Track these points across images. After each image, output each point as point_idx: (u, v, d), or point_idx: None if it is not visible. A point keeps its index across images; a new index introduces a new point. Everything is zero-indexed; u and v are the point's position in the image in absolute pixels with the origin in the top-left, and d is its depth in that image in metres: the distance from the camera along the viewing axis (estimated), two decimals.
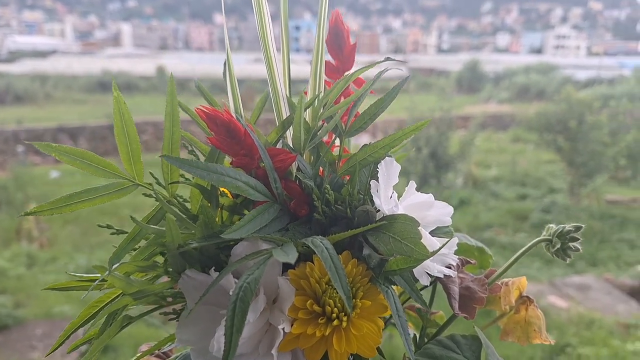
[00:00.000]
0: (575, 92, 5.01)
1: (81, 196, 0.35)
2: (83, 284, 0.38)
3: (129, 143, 0.36)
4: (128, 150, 0.37)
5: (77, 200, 0.35)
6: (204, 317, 0.41)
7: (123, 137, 0.36)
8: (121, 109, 0.36)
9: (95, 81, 14.74)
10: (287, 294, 0.37)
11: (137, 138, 0.37)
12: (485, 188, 5.84)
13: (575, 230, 0.41)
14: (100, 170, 0.36)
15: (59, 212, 0.34)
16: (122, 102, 0.35)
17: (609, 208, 4.98)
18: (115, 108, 0.35)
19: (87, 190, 0.35)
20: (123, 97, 0.37)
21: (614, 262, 4.09)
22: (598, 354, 2.57)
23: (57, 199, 0.34)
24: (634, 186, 5.29)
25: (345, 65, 0.50)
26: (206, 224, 0.37)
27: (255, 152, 0.41)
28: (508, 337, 0.49)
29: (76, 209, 0.35)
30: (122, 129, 0.36)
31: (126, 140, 0.36)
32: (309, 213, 0.42)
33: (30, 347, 2.97)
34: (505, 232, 4.73)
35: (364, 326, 0.36)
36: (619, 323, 2.91)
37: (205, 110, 0.38)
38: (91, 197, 0.35)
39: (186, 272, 0.40)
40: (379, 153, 0.45)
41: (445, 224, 0.44)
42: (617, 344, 2.63)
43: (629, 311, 3.09)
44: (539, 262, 4.12)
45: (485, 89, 9.41)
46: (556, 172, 5.95)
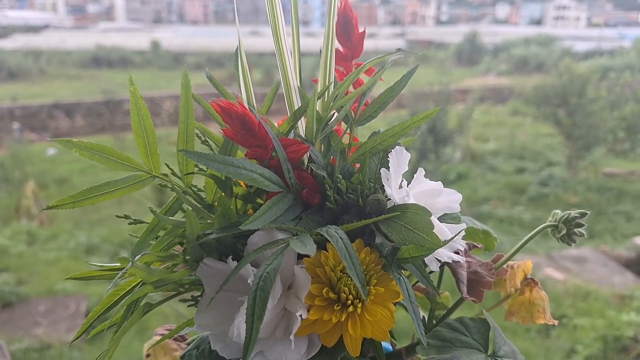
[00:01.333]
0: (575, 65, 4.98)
1: (101, 189, 0.36)
2: (103, 274, 0.39)
3: (146, 136, 0.37)
4: (145, 143, 0.37)
5: (98, 194, 0.36)
6: (221, 303, 0.42)
7: (140, 130, 0.37)
8: (138, 103, 0.36)
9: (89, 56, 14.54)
10: (303, 281, 0.38)
11: (154, 131, 0.38)
12: (484, 162, 5.85)
13: (580, 216, 0.42)
14: (119, 164, 0.37)
15: (80, 205, 0.35)
16: (138, 97, 0.36)
17: (606, 181, 5.01)
18: (132, 102, 0.36)
19: (107, 184, 0.36)
20: (117, 72, 0.37)
21: (610, 234, 4.13)
22: (593, 324, 2.63)
23: (78, 193, 0.35)
24: (631, 158, 5.31)
25: (354, 53, 0.51)
26: (224, 215, 0.38)
27: (269, 143, 0.41)
28: (512, 318, 0.51)
29: (97, 201, 0.36)
30: (139, 123, 0.37)
31: (143, 133, 0.37)
32: (321, 202, 0.43)
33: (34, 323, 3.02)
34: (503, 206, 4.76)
35: (377, 312, 0.37)
36: (614, 294, 2.96)
37: (220, 103, 0.38)
38: (111, 190, 0.36)
39: (204, 260, 0.41)
40: (389, 141, 0.46)
41: (454, 211, 0.45)
42: (612, 315, 2.69)
43: (625, 283, 3.14)
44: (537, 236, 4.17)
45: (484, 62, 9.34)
46: (554, 145, 5.96)
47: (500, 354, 0.39)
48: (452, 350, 0.39)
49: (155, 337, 0.53)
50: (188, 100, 0.39)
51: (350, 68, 0.51)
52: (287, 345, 0.38)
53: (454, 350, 0.39)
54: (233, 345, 0.41)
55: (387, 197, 0.43)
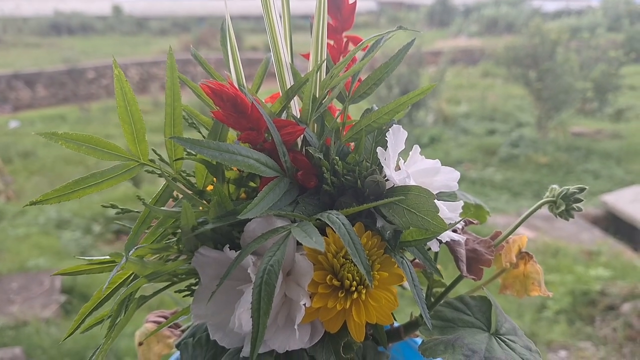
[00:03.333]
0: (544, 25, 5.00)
1: (88, 181, 0.34)
2: (92, 267, 0.37)
3: (133, 123, 0.35)
4: (132, 130, 0.35)
5: (84, 186, 0.34)
6: (218, 292, 0.41)
7: (127, 116, 0.34)
8: (123, 87, 0.33)
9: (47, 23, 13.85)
10: (305, 269, 0.37)
11: (141, 117, 0.35)
12: (456, 124, 5.89)
13: (579, 192, 0.42)
14: (106, 154, 0.34)
15: (66, 199, 0.33)
16: (124, 81, 0.33)
17: (574, 140, 5.12)
18: (117, 87, 0.33)
19: (93, 175, 0.34)
20: (78, 39, 0.34)
21: None
22: (563, 280, 2.72)
23: (63, 186, 0.33)
24: (599, 118, 5.42)
25: (344, 25, 0.48)
26: (219, 204, 0.37)
27: (262, 126, 0.39)
28: (507, 291, 0.51)
29: (84, 194, 0.34)
30: (125, 109, 0.34)
31: (130, 119, 0.35)
32: (317, 184, 0.42)
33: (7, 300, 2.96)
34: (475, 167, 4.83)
35: (381, 297, 0.37)
36: (582, 250, 3.07)
37: (211, 85, 0.36)
38: (98, 182, 0.34)
39: (199, 250, 0.39)
40: (384, 119, 0.45)
41: (451, 189, 0.44)
42: (580, 270, 2.79)
43: (592, 239, 3.26)
44: (507, 195, 4.25)
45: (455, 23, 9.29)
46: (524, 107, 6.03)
47: (502, 332, 0.39)
48: (455, 330, 0.39)
49: (147, 325, 0.51)
50: (174, 83, 0.36)
51: (340, 41, 0.48)
52: (291, 334, 0.37)
53: (457, 330, 0.39)
54: (233, 334, 0.40)
55: (385, 178, 0.42)
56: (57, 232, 3.76)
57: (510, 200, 4.18)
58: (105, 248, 3.18)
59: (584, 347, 2.33)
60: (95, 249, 3.22)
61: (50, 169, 5.02)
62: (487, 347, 0.36)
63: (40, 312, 2.75)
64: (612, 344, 2.29)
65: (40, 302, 2.91)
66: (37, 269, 3.32)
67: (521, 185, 4.49)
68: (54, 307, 2.65)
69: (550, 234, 3.47)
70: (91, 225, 3.90)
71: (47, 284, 3.16)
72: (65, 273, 0.37)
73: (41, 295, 3.01)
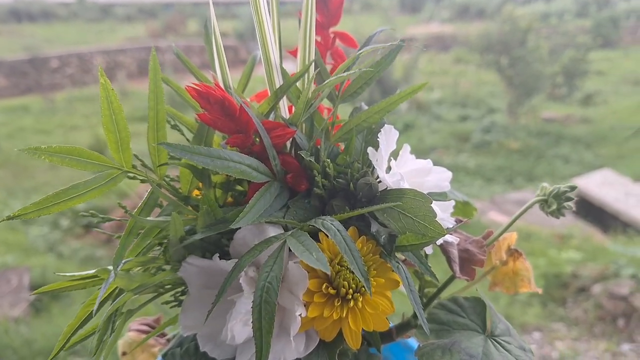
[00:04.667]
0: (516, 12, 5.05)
1: (69, 193, 0.32)
2: (75, 284, 0.35)
3: (117, 131, 0.33)
4: (117, 139, 0.33)
5: (66, 198, 0.31)
6: (207, 302, 0.39)
7: (112, 125, 0.32)
8: (109, 95, 0.31)
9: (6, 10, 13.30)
10: (299, 278, 0.36)
11: (126, 126, 0.33)
12: (429, 111, 5.93)
13: (570, 190, 0.42)
14: (89, 164, 0.32)
15: (46, 212, 0.31)
16: (109, 89, 0.31)
17: (545, 125, 5.21)
18: (102, 95, 0.31)
19: (75, 186, 0.32)
20: (39, 26, 0.32)
21: (549, 177, 4.34)
22: (536, 263, 2.78)
23: (43, 199, 0.31)
24: (568, 103, 5.53)
25: (331, 21, 0.47)
26: (209, 213, 0.35)
27: (251, 128, 0.38)
28: (496, 288, 0.51)
29: (65, 207, 0.32)
30: (110, 118, 0.32)
31: (115, 128, 0.33)
32: (308, 187, 0.41)
33: None
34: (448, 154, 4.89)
35: (378, 303, 0.36)
36: (554, 234, 3.14)
37: (198, 87, 0.34)
38: (80, 193, 0.32)
39: (188, 259, 0.38)
40: (374, 118, 0.44)
41: (443, 189, 0.44)
42: (553, 254, 2.86)
43: (564, 223, 3.33)
44: (480, 181, 4.32)
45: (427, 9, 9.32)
46: (496, 93, 6.11)
47: (497, 333, 0.39)
48: (451, 333, 0.38)
49: (130, 334, 0.50)
50: (157, 84, 0.34)
51: (327, 37, 0.47)
52: (285, 344, 0.36)
53: (453, 333, 0.38)
54: (225, 346, 0.38)
55: (377, 180, 0.41)
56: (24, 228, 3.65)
57: (483, 186, 4.25)
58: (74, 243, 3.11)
59: (557, 328, 2.39)
60: (63, 244, 3.14)
61: (14, 162, 4.86)
62: (484, 350, 0.36)
63: (9, 311, 2.67)
64: (583, 324, 2.36)
65: (8, 301, 2.83)
66: (4, 266, 3.22)
67: (494, 171, 4.56)
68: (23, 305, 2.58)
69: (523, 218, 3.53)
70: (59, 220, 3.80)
71: (15, 282, 3.07)
72: (46, 291, 0.35)
73: (9, 294, 2.92)
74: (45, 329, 2.16)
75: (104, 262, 3.00)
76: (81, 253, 3.03)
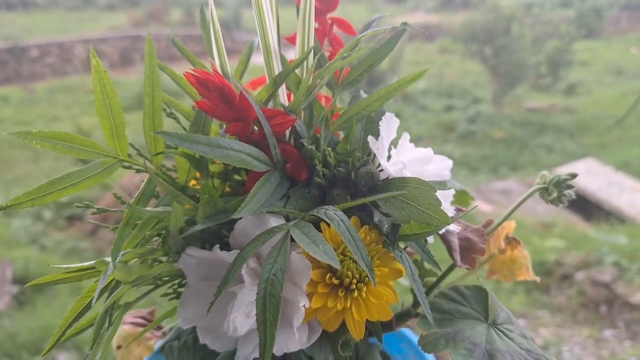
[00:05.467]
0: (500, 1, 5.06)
1: (63, 182, 0.30)
2: (70, 276, 0.34)
3: (112, 117, 0.32)
4: (111, 125, 0.32)
5: (60, 187, 0.30)
6: (207, 293, 0.39)
7: (105, 110, 0.31)
8: (102, 79, 0.30)
9: None
10: (303, 268, 0.35)
11: (120, 111, 0.32)
12: (415, 101, 5.94)
13: (571, 178, 0.42)
14: (83, 152, 0.31)
15: (40, 202, 0.30)
16: (102, 72, 0.30)
17: (528, 115, 5.26)
18: (94, 78, 0.30)
19: (69, 175, 0.31)
20: (18, 14, 0.31)
21: (533, 166, 4.39)
22: None
23: (36, 188, 0.30)
24: (552, 92, 5.58)
25: (328, 7, 0.46)
26: (209, 203, 0.34)
27: (250, 116, 0.37)
28: (494, 276, 0.51)
29: (59, 196, 0.30)
30: (104, 102, 0.31)
31: (109, 113, 0.31)
32: (308, 176, 0.40)
33: None
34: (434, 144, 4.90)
35: (382, 293, 0.35)
36: (538, 222, 3.17)
37: (197, 74, 0.33)
38: (75, 182, 0.31)
39: (187, 251, 0.37)
40: (374, 106, 0.43)
41: (444, 178, 0.43)
42: (536, 242, 2.89)
43: (547, 211, 3.37)
44: (465, 171, 4.35)
45: None
46: (480, 82, 6.13)
47: (499, 322, 0.39)
48: (454, 322, 0.38)
49: (125, 327, 0.49)
50: (153, 71, 0.33)
51: (325, 24, 0.46)
52: (289, 335, 0.36)
53: (455, 322, 0.38)
54: (225, 338, 0.38)
55: (379, 168, 0.40)
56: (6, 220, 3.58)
57: (468, 176, 4.28)
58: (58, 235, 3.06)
59: (541, 315, 2.42)
60: (46, 236, 3.09)
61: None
62: (487, 339, 0.36)
63: None
64: (567, 311, 2.40)
65: None
66: None
67: (478, 160, 4.59)
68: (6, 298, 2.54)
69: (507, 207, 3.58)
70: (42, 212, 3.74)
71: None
72: (41, 283, 0.34)
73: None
74: (30, 322, 2.13)
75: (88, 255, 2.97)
76: (65, 245, 2.99)
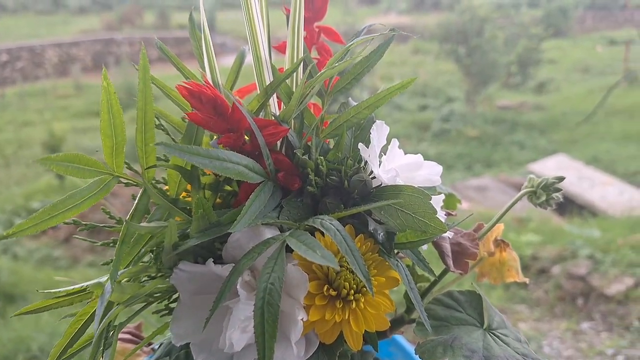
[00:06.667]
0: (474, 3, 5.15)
1: (66, 204, 0.30)
2: (61, 301, 0.33)
3: (114, 136, 0.31)
4: (113, 143, 0.31)
5: (63, 210, 0.30)
6: (200, 308, 0.38)
7: (109, 129, 0.31)
8: (110, 99, 0.30)
9: None
10: (299, 280, 0.35)
11: (123, 130, 0.31)
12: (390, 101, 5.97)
13: (558, 181, 0.42)
14: (87, 171, 0.31)
15: (43, 227, 0.29)
16: (112, 93, 0.30)
17: (500, 113, 5.35)
18: (103, 99, 0.29)
19: (71, 196, 0.30)
20: None
21: (506, 162, 4.47)
22: None
23: (39, 213, 0.29)
24: (522, 91, 5.70)
25: (316, 15, 0.46)
26: (203, 217, 0.34)
27: (242, 127, 0.36)
28: (484, 279, 0.51)
29: (63, 219, 0.30)
30: (109, 122, 0.30)
31: (112, 133, 0.31)
32: (300, 186, 0.40)
33: None
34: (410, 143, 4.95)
35: (380, 303, 0.35)
36: (513, 218, 3.23)
37: (189, 86, 0.32)
38: (77, 203, 0.30)
39: (179, 265, 0.36)
40: (364, 113, 0.43)
41: (434, 184, 0.43)
42: (513, 237, 2.94)
43: (522, 207, 3.43)
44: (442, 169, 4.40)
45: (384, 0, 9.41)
46: (453, 82, 6.22)
47: (495, 327, 0.39)
48: (450, 329, 0.38)
49: None
50: (146, 84, 0.33)
51: (313, 32, 0.46)
52: (286, 348, 0.35)
53: (452, 328, 0.38)
54: (220, 354, 0.37)
55: (371, 176, 0.40)
56: None
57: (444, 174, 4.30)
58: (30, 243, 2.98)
59: (520, 309, 2.46)
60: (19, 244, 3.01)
61: None
62: (485, 344, 0.36)
63: None
64: (544, 305, 2.45)
65: None
66: None
67: (453, 158, 4.66)
68: None
69: (484, 204, 3.63)
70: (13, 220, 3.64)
71: None
72: (30, 311, 0.32)
73: None
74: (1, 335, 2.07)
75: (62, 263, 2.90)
76: (37, 254, 2.92)
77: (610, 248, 2.73)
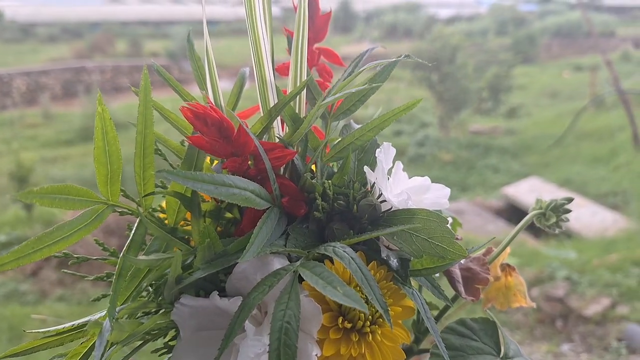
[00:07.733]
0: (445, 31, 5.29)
1: (54, 236, 0.27)
2: (52, 340, 0.30)
3: (109, 164, 0.29)
4: (107, 171, 0.29)
5: (49, 242, 0.27)
6: (202, 345, 0.35)
7: (104, 157, 0.28)
8: (105, 126, 0.28)
9: None
10: (312, 313, 0.33)
11: (119, 158, 0.29)
12: None
13: (567, 202, 0.42)
14: (78, 202, 0.28)
15: (27, 261, 0.26)
16: (107, 118, 0.27)
17: (473, 138, 5.45)
18: (97, 125, 0.27)
19: (59, 227, 0.27)
20: None
21: (481, 186, 4.53)
22: None
23: (21, 247, 0.26)
24: (493, 116, 5.83)
25: (317, 36, 0.45)
26: (209, 247, 0.31)
27: (247, 151, 0.35)
28: (489, 304, 0.50)
29: (50, 253, 0.27)
30: (103, 150, 0.28)
31: (107, 160, 0.29)
32: (307, 211, 0.38)
33: None
34: None
35: (397, 335, 0.33)
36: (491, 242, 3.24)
37: (194, 109, 0.31)
38: (66, 235, 0.28)
39: (181, 300, 0.34)
40: (368, 136, 0.42)
41: (442, 207, 0.42)
42: None
43: (498, 230, 3.47)
44: None
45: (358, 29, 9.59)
46: (427, 108, 6.33)
47: (511, 355, 0.38)
48: (466, 358, 0.36)
49: None
50: (147, 107, 0.31)
51: (313, 53, 0.45)
52: None
53: (468, 358, 0.37)
54: None
55: (380, 200, 0.39)
56: None
57: None
58: None
59: None
60: None
61: None
62: None
63: None
64: (524, 328, 2.45)
65: None
66: None
67: None
68: None
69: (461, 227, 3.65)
70: None
71: None
72: (20, 352, 0.29)
73: None
74: None
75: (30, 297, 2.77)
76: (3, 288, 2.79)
77: (586, 269, 2.77)
